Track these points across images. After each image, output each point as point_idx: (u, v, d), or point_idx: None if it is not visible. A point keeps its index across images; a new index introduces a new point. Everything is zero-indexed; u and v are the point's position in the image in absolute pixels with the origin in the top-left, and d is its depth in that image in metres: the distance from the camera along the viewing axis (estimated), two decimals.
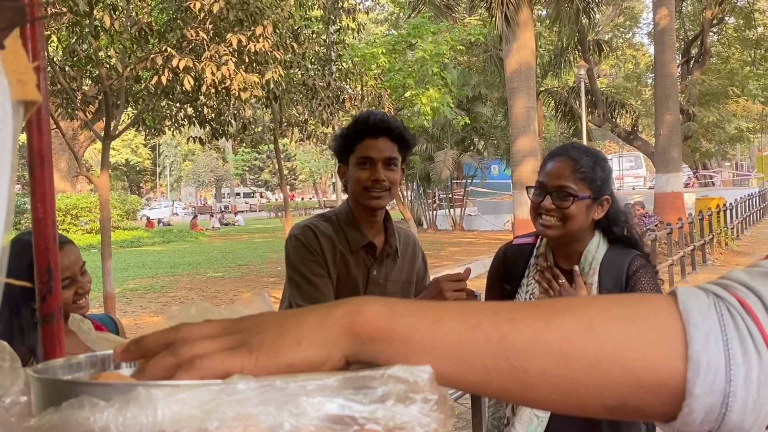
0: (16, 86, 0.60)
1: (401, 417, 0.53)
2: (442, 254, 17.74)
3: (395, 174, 2.23)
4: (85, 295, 2.18)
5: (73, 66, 8.95)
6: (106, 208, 8.73)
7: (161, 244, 24.45)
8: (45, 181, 1.05)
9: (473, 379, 0.58)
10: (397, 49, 14.18)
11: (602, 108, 24.11)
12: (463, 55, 25.05)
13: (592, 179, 2.04)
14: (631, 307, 0.60)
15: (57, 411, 0.55)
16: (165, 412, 0.52)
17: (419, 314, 0.59)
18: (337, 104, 10.47)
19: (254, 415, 0.51)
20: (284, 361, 0.56)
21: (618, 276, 2.05)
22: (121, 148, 48.94)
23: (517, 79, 16.23)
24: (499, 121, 27.05)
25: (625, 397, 0.58)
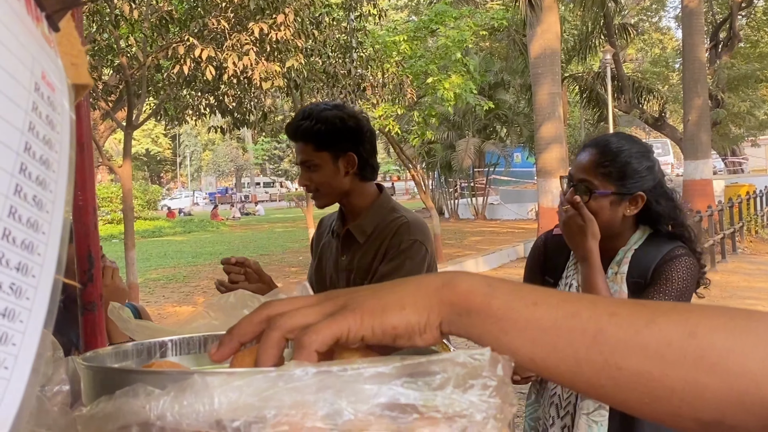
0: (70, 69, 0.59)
1: (460, 404, 0.52)
2: (464, 243, 17.52)
3: (317, 173, 2.24)
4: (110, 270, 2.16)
5: (93, 55, 8.82)
6: (129, 197, 8.65)
7: (182, 234, 24.52)
8: (85, 168, 1.02)
9: (563, 368, 0.57)
10: (419, 35, 13.90)
11: (628, 94, 23.67)
12: (485, 41, 24.68)
13: (620, 174, 1.95)
14: (740, 319, 0.56)
15: (111, 399, 0.56)
16: (222, 400, 0.52)
17: (518, 294, 0.59)
18: (358, 92, 10.25)
19: (312, 403, 0.51)
20: (390, 323, 0.58)
21: (646, 265, 1.96)
22: (142, 137, 49.19)
23: (541, 64, 15.90)
24: (522, 107, 26.66)
25: (723, 414, 0.54)
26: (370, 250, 2.26)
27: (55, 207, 0.52)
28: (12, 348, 0.48)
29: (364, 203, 2.31)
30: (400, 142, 15.99)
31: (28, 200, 0.49)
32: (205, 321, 1.07)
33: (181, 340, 0.84)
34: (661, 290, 1.91)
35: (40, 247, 0.50)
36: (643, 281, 1.96)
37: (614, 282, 1.98)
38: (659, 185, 2.00)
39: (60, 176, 0.53)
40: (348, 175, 2.26)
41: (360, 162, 2.25)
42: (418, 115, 14.87)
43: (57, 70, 0.55)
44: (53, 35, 0.57)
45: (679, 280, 1.92)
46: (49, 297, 0.51)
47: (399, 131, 14.69)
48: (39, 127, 0.50)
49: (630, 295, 1.95)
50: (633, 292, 1.96)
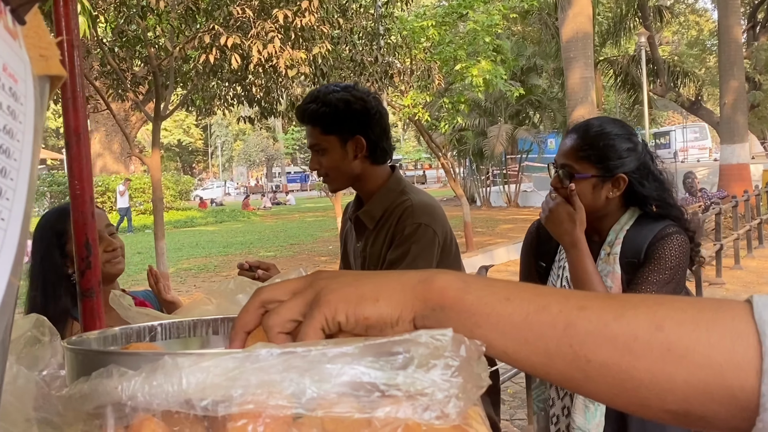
0: (39, 61, 0.59)
1: (421, 383, 0.53)
2: (495, 231, 17.43)
3: (326, 157, 2.21)
4: (115, 253, 2.23)
5: (122, 47, 8.90)
6: (158, 188, 8.72)
7: (214, 224, 24.74)
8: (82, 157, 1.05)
9: (535, 360, 0.59)
10: (447, 20, 13.79)
11: (664, 77, 23.27)
12: (516, 25, 24.43)
13: (599, 158, 1.98)
14: (708, 312, 0.57)
15: (87, 380, 0.58)
16: (190, 380, 0.53)
17: (491, 290, 0.60)
18: (385, 79, 10.21)
19: (277, 382, 0.53)
20: (362, 313, 0.60)
21: (640, 245, 1.99)
22: (174, 128, 49.66)
23: (573, 47, 15.70)
24: (556, 92, 26.35)
25: (690, 404, 0.56)
26: (380, 236, 2.23)
27: (16, 196, 0.53)
28: None
29: (375, 187, 2.26)
30: (429, 129, 15.93)
31: None
32: (206, 306, 1.09)
33: (170, 324, 0.85)
34: (654, 269, 1.94)
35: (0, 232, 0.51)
36: (636, 260, 1.98)
37: (607, 263, 2.01)
38: (643, 166, 2.02)
39: (23, 164, 0.54)
40: (357, 158, 2.21)
41: (369, 145, 2.20)
42: (447, 102, 14.78)
43: (20, 62, 0.55)
44: (19, 28, 0.57)
45: (671, 258, 1.94)
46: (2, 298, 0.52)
47: (429, 118, 14.63)
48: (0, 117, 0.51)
49: (624, 276, 1.99)
50: (627, 272, 1.99)
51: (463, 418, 0.54)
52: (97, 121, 23.58)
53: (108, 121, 21.73)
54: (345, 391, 0.53)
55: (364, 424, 0.54)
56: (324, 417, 0.54)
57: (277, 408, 0.54)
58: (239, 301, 0.96)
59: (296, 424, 0.54)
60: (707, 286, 9.75)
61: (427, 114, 13.99)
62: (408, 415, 0.52)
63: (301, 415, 0.54)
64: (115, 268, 2.22)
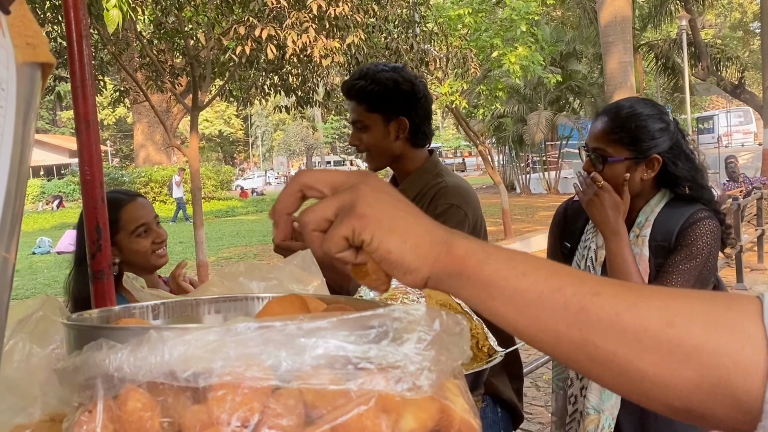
0: (26, 49, 0.61)
1: (393, 356, 0.54)
2: (534, 219, 17.29)
3: (368, 135, 2.22)
4: (163, 245, 2.25)
5: (160, 39, 9.01)
6: (197, 177, 8.83)
7: (255, 213, 24.94)
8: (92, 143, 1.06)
9: (544, 338, 0.60)
10: (483, 8, 13.65)
11: (706, 61, 22.73)
12: (555, 10, 24.09)
13: (632, 140, 1.95)
14: (719, 309, 0.57)
15: (80, 354, 0.60)
16: (173, 352, 0.55)
17: (510, 263, 0.61)
18: (421, 67, 10.16)
19: (256, 355, 0.54)
20: (386, 245, 0.61)
21: (671, 228, 1.96)
22: (215, 119, 50.11)
23: (611, 32, 15.42)
24: (596, 78, 25.93)
25: (692, 402, 0.57)
26: None
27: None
28: None
29: (413, 169, 2.27)
30: (467, 117, 15.83)
31: None
32: (218, 288, 1.11)
33: (174, 303, 0.87)
34: (685, 256, 1.91)
35: None
36: (667, 245, 1.95)
37: (635, 245, 1.98)
38: (677, 146, 1.98)
39: (4, 145, 0.56)
40: (399, 139, 2.22)
41: (412, 127, 2.22)
42: (484, 89, 14.66)
43: (3, 50, 0.57)
44: (3, 18, 0.59)
45: (703, 244, 1.91)
46: None
47: (466, 106, 14.54)
48: None
49: (653, 258, 1.95)
50: (657, 255, 1.96)
51: (437, 390, 0.54)
52: (139, 112, 23.94)
53: (150, 112, 22.00)
54: (320, 363, 0.54)
55: (342, 394, 0.55)
56: (302, 388, 0.55)
57: (255, 379, 0.55)
58: (242, 283, 0.98)
59: (275, 395, 0.56)
60: (749, 272, 9.56)
61: (464, 101, 13.91)
62: (381, 387, 0.53)
63: (279, 387, 0.55)
64: (160, 260, 2.24)
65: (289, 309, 0.75)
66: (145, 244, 2.18)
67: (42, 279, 12.31)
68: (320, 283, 1.04)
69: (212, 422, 0.54)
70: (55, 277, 12.13)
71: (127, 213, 2.17)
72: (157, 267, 2.27)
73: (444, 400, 0.55)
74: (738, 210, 9.04)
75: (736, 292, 1.47)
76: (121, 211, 2.16)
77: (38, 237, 17.54)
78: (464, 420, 0.59)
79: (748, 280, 9.13)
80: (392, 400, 0.53)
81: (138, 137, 26.09)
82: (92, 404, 0.59)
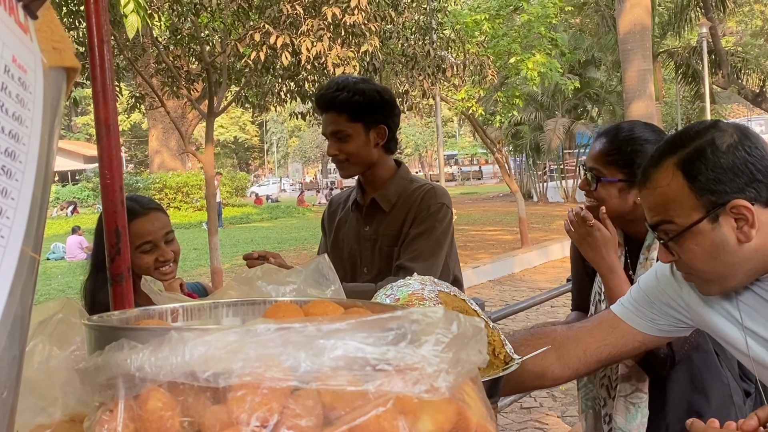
0: (52, 53, 0.62)
1: (411, 358, 0.55)
2: (551, 227, 17.20)
3: (348, 144, 2.31)
4: (168, 263, 2.20)
5: (176, 44, 9.07)
6: (212, 184, 8.86)
7: (269, 220, 25.03)
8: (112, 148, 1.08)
9: None
10: (502, 14, 13.64)
11: (727, 69, 22.56)
12: (574, 17, 24.02)
13: (627, 162, 1.97)
14: None
15: (101, 354, 0.61)
16: (193, 353, 0.56)
17: None
18: (438, 73, 10.17)
19: (275, 356, 0.55)
20: None
21: None
22: (230, 125, 50.35)
23: (630, 40, 15.35)
24: (614, 86, 25.83)
25: None
26: (397, 218, 2.37)
27: (24, 177, 0.56)
28: None
29: (387, 174, 2.41)
30: (484, 124, 15.81)
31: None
32: (235, 292, 1.11)
33: (192, 307, 0.88)
34: None
35: (9, 211, 0.54)
36: None
37: (644, 267, 1.99)
38: None
39: (31, 149, 0.57)
40: (377, 147, 2.36)
41: (389, 135, 2.37)
42: (501, 96, 14.64)
43: (30, 54, 0.59)
44: (30, 23, 0.60)
45: None
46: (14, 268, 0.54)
47: (483, 113, 14.52)
48: (8, 104, 0.55)
49: None
50: None
51: (455, 392, 0.55)
52: (154, 118, 24.09)
53: (165, 118, 22.17)
54: (339, 365, 0.55)
55: (360, 395, 0.55)
56: (320, 389, 0.55)
57: (275, 380, 0.56)
58: (259, 287, 0.99)
59: (294, 395, 0.56)
60: None
61: (481, 108, 13.89)
62: (399, 388, 0.54)
63: (298, 387, 0.56)
64: (163, 277, 2.17)
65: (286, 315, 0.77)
66: (147, 260, 2.13)
67: (56, 285, 12.40)
68: (337, 287, 1.05)
69: (232, 422, 0.55)
70: (69, 282, 12.21)
71: (136, 227, 2.10)
72: None
73: (461, 403, 0.55)
74: None
75: None
76: (130, 224, 2.15)
77: (53, 243, 17.67)
78: (481, 424, 0.59)
79: None
80: (410, 402, 0.54)
81: (153, 143, 26.22)
82: (113, 403, 0.60)
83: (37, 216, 0.59)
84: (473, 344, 0.56)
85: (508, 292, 10.13)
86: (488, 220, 19.98)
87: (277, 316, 0.79)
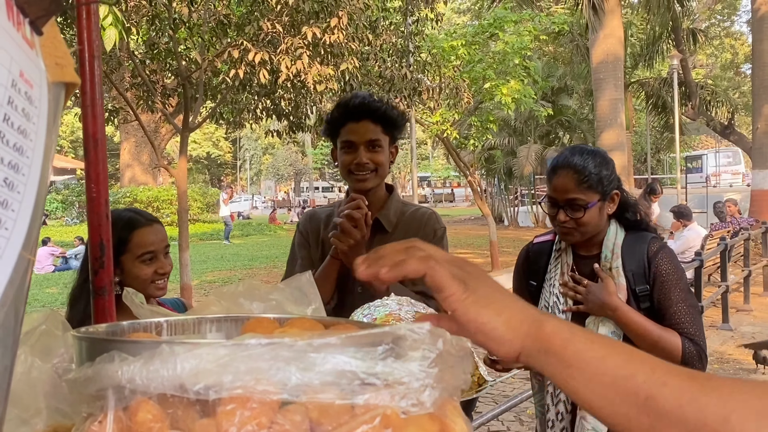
0: (54, 69, 0.64)
1: (399, 372, 0.56)
2: None
3: (380, 155, 2.28)
4: (165, 277, 2.21)
5: (153, 59, 9.05)
6: (184, 199, 8.80)
7: (240, 237, 24.82)
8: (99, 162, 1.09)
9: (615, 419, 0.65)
10: (477, 40, 13.82)
11: (696, 101, 23.03)
12: (548, 45, 24.40)
13: (598, 182, 2.16)
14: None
15: (91, 365, 0.61)
16: (184, 366, 0.57)
17: (590, 345, 0.66)
18: (414, 96, 10.25)
19: (265, 370, 0.56)
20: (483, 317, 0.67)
21: (639, 257, 2.20)
22: (203, 141, 50.06)
23: (603, 69, 15.66)
24: (586, 114, 26.24)
25: None
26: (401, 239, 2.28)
27: (26, 189, 0.57)
28: None
29: (384, 195, 2.40)
30: (458, 147, 15.95)
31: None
32: (216, 308, 1.11)
33: (176, 322, 0.88)
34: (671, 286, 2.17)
35: (8, 223, 0.55)
36: (642, 271, 2.19)
37: (611, 277, 2.19)
38: (617, 179, 2.25)
39: (34, 161, 0.58)
40: (392, 163, 2.37)
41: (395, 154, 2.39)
42: (476, 120, 14.78)
43: (36, 69, 0.60)
44: (36, 39, 0.62)
45: (675, 270, 2.19)
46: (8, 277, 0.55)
47: (457, 136, 14.65)
48: (14, 118, 0.56)
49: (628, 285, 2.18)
50: (636, 282, 2.18)
51: (438, 408, 0.57)
52: (126, 131, 23.88)
53: (137, 132, 21.99)
54: (328, 379, 0.56)
55: (346, 411, 0.57)
56: (308, 404, 0.57)
57: (264, 393, 0.57)
58: (241, 304, 0.99)
59: (282, 411, 0.57)
60: (734, 312, 9.60)
61: (455, 132, 14.01)
62: (386, 402, 0.55)
63: (288, 401, 0.57)
64: (158, 291, 2.18)
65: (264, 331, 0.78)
66: (147, 271, 2.13)
67: None
68: (318, 305, 1.06)
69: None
70: (35, 295, 12.00)
71: (139, 236, 2.13)
72: (154, 297, 2.21)
73: (445, 419, 0.57)
74: (725, 250, 9.08)
75: None
76: (133, 233, 2.12)
77: None
78: None
79: (734, 320, 9.17)
80: (395, 418, 0.55)
81: (124, 157, 25.96)
82: (102, 414, 0.61)
83: (36, 223, 0.60)
84: (459, 364, 0.58)
85: None
86: (460, 242, 20.07)
87: (256, 331, 0.80)
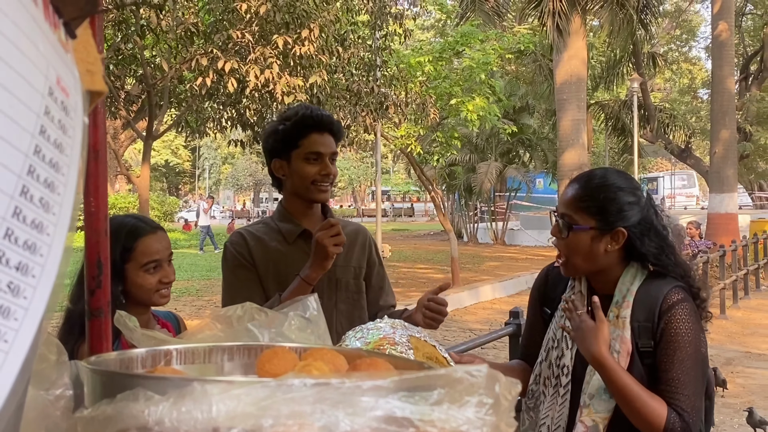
0: (85, 76, 0.60)
1: (456, 420, 0.53)
2: (481, 268, 17.42)
3: (336, 168, 2.34)
4: (169, 286, 2.14)
5: (117, 64, 8.91)
6: (146, 207, 8.68)
7: (197, 247, 24.50)
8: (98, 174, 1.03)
9: None
10: (444, 56, 13.94)
11: (654, 123, 23.54)
12: (511, 64, 24.71)
13: (599, 209, 1.95)
14: None
15: (111, 402, 0.57)
16: (220, 408, 0.53)
17: None
18: (380, 110, 10.27)
19: (308, 414, 0.52)
20: None
21: (651, 308, 1.93)
22: (162, 149, 49.41)
23: (566, 90, 15.90)
24: (546, 133, 26.60)
25: None
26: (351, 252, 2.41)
27: (62, 209, 0.53)
28: None
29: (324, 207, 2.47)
30: (420, 163, 16.01)
31: (34, 202, 0.49)
32: (212, 332, 1.06)
33: (186, 350, 0.84)
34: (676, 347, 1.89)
35: (43, 248, 0.51)
36: (650, 324, 1.93)
37: (616, 326, 1.93)
38: (646, 221, 1.96)
39: (69, 179, 0.54)
40: None
41: None
42: (440, 136, 14.87)
43: (72, 76, 0.56)
44: (70, 42, 0.57)
45: (686, 331, 1.89)
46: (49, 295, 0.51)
47: (421, 151, 14.71)
48: (50, 130, 0.51)
49: (633, 339, 1.92)
50: (641, 336, 1.93)
51: None
52: None
53: None
54: (378, 425, 0.53)
55: None
56: None
57: None
58: (250, 329, 0.95)
59: None
60: None
61: (419, 147, 14.07)
62: None
63: None
64: (162, 299, 2.11)
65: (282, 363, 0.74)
66: (151, 281, 2.06)
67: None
68: (323, 331, 1.02)
69: None
70: None
71: (144, 245, 2.04)
72: (157, 305, 2.14)
73: None
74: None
75: None
76: (137, 242, 2.04)
77: None
78: None
79: None
80: None
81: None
82: None
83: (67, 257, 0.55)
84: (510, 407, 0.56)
85: (440, 332, 10.17)
86: (419, 257, 20.10)
87: (273, 363, 0.76)
